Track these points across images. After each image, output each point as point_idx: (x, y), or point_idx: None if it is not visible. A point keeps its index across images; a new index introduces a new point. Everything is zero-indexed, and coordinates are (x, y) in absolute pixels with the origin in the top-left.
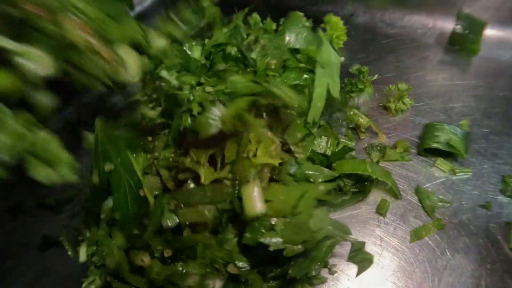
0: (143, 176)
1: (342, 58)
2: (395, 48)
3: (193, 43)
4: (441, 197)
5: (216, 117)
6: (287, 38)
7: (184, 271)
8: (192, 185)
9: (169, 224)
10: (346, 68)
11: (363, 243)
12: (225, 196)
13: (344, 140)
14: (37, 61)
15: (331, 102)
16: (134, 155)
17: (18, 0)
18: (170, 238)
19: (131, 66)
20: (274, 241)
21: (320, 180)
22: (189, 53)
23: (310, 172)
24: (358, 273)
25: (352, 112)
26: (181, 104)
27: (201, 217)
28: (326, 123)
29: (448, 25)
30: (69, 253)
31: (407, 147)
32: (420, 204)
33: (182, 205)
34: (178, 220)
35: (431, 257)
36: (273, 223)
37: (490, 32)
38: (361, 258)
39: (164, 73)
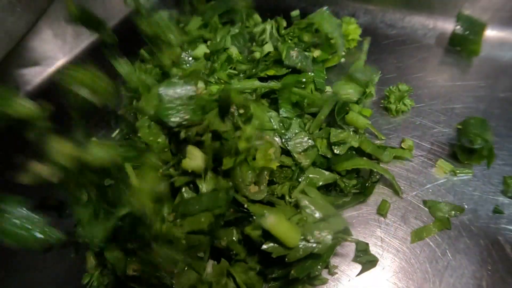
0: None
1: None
2: (395, 49)
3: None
4: (450, 203)
5: None
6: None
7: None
8: (187, 193)
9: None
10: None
11: (367, 244)
12: (221, 202)
13: None
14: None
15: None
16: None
17: None
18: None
19: None
20: (271, 245)
21: (321, 183)
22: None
23: (311, 176)
24: (360, 273)
25: (351, 115)
26: None
27: (198, 225)
28: (326, 125)
29: (448, 26)
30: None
31: (412, 147)
32: (420, 205)
33: (180, 215)
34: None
35: (432, 258)
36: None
37: (490, 33)
38: (366, 260)
39: None
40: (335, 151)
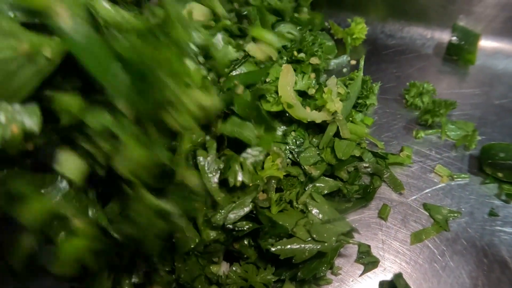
0: None
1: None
2: (395, 58)
3: None
4: (448, 208)
5: None
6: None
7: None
8: None
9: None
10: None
11: (369, 246)
12: None
13: None
14: None
15: None
16: None
17: None
18: None
19: None
20: (279, 247)
21: (326, 191)
22: None
23: (317, 184)
24: (362, 274)
25: (350, 126)
26: None
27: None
28: None
29: (445, 36)
30: None
31: (410, 155)
32: (419, 209)
33: None
34: None
35: (431, 259)
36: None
37: (485, 43)
38: (367, 261)
39: None
40: (339, 156)
